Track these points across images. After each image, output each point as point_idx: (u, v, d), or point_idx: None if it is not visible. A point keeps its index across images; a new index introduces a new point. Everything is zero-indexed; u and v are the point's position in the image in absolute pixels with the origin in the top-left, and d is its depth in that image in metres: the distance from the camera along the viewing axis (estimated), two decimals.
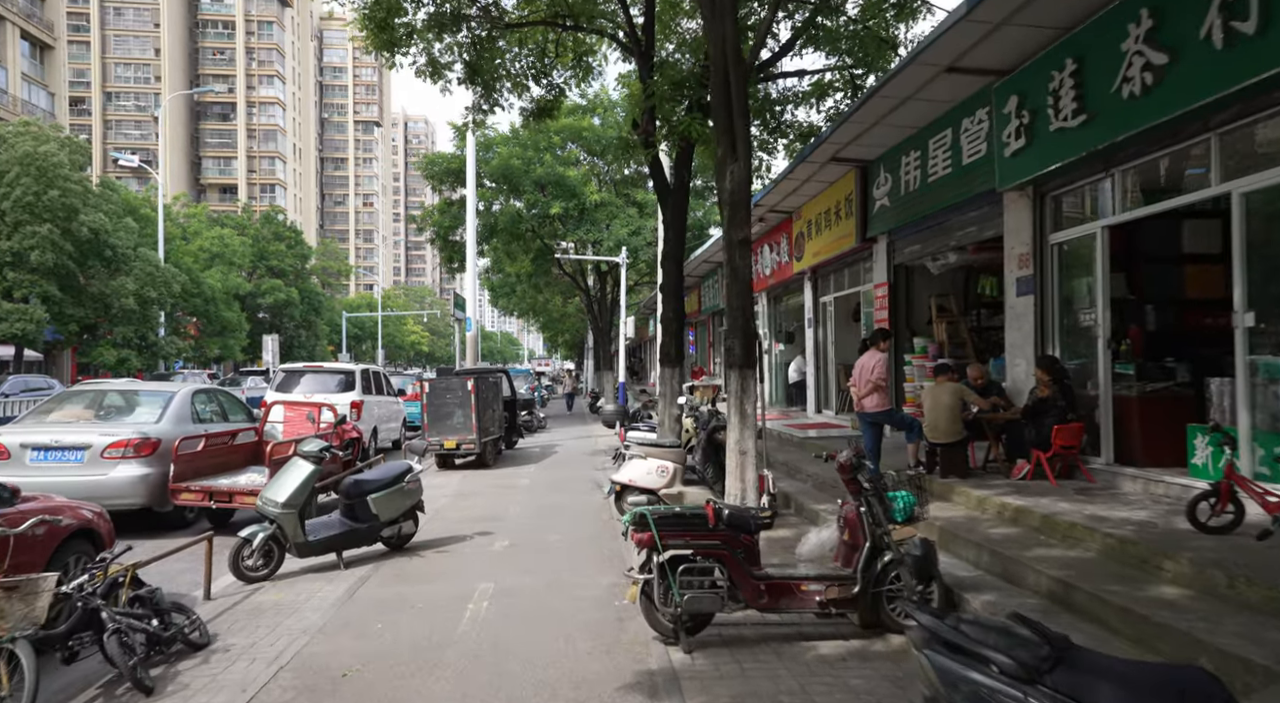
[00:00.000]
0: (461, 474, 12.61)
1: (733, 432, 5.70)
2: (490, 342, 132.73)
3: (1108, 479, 6.76)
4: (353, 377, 13.70)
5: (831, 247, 13.06)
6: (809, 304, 15.19)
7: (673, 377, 10.30)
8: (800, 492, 8.68)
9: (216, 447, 8.49)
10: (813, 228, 13.94)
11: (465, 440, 12.85)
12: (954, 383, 7.46)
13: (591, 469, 12.99)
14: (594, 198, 21.95)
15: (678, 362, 10.34)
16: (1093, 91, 6.39)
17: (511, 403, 15.64)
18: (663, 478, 8.20)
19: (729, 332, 5.80)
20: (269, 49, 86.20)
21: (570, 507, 9.47)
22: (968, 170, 8.66)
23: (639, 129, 10.33)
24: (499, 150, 22.32)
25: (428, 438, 12.95)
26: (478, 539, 7.71)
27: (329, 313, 62.07)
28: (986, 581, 5.14)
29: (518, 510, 9.31)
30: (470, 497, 10.41)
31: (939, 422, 7.26)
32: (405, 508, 7.13)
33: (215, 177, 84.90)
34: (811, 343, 15.13)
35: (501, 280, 34.50)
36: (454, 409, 12.92)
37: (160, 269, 30.37)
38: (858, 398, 7.76)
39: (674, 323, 10.29)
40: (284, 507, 6.25)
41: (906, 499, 4.64)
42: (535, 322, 47.05)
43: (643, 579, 4.50)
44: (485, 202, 23.23)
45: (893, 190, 10.68)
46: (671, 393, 10.29)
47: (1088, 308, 7.29)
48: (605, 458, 14.26)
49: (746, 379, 5.67)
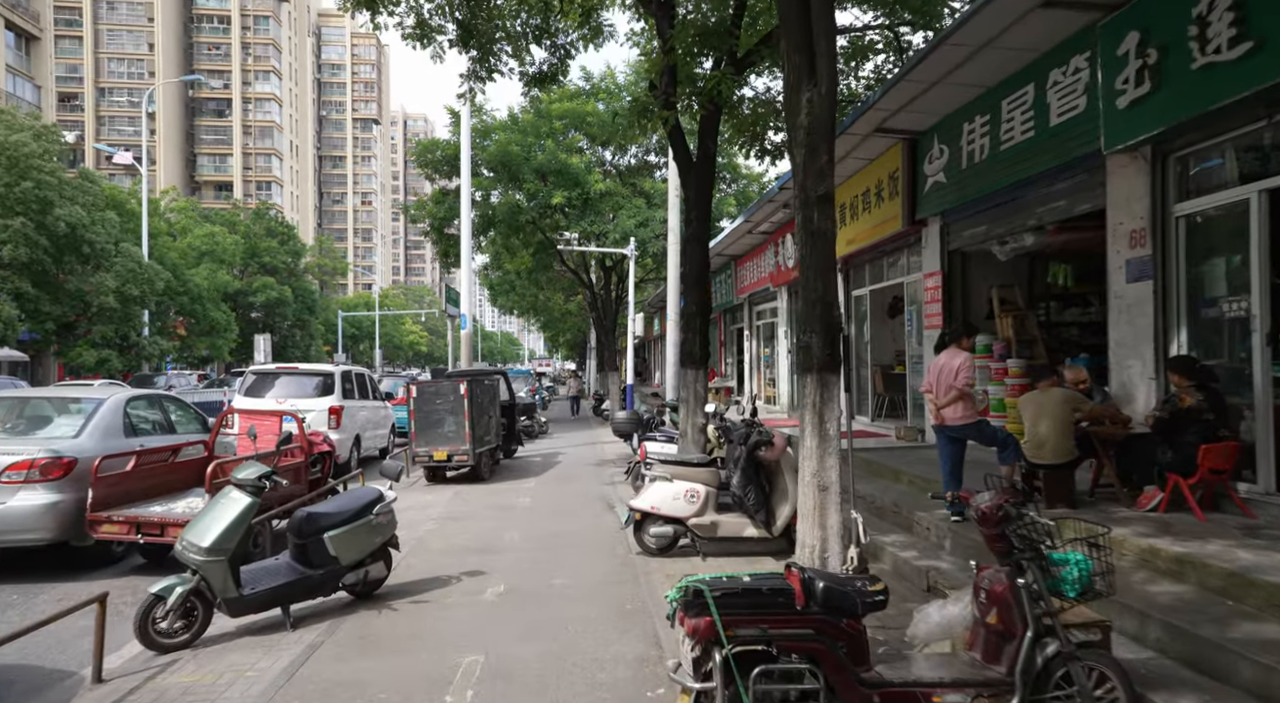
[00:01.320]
0: (453, 490, 11.14)
1: (808, 460, 4.19)
2: (490, 342, 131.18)
3: (1273, 514, 5.28)
4: (331, 380, 12.22)
5: (870, 233, 11.58)
6: (843, 300, 13.69)
7: (696, 379, 8.83)
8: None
9: (152, 465, 7.02)
10: (846, 213, 12.46)
11: (458, 451, 11.38)
12: (1062, 389, 5.98)
13: (600, 483, 11.52)
14: (598, 187, 20.48)
15: (702, 362, 8.87)
16: (1262, 10, 4.91)
17: (510, 408, 14.16)
18: (692, 505, 6.73)
19: (804, 323, 4.28)
20: (265, 44, 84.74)
21: (579, 535, 7.99)
22: (1056, 133, 7.20)
23: (656, 91, 8.86)
24: (497, 137, 20.84)
25: (415, 448, 11.49)
26: (465, 582, 6.23)
27: (325, 312, 60.63)
28: (1171, 671, 3.67)
29: (516, 540, 7.83)
30: (460, 520, 8.93)
31: (1046, 438, 5.78)
32: (373, 547, 5.66)
33: (211, 174, 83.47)
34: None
35: (501, 278, 33.00)
36: (445, 416, 11.45)
37: (143, 266, 28.87)
38: (935, 407, 6.28)
39: (697, 316, 8.83)
40: (209, 552, 4.77)
41: (1081, 565, 3.16)
42: (536, 321, 45.52)
43: (698, 689, 3.02)
44: (483, 191, 21.76)
45: (950, 164, 9.21)
46: (695, 398, 8.82)
47: (1232, 295, 5.81)
48: (614, 469, 12.79)
49: (828, 386, 4.17)
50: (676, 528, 6.78)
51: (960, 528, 6.03)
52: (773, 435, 6.64)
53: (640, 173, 23.49)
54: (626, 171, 24.03)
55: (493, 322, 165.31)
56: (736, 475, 6.63)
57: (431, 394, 11.52)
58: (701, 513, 6.73)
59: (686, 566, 6.59)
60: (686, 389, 8.94)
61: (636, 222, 20.34)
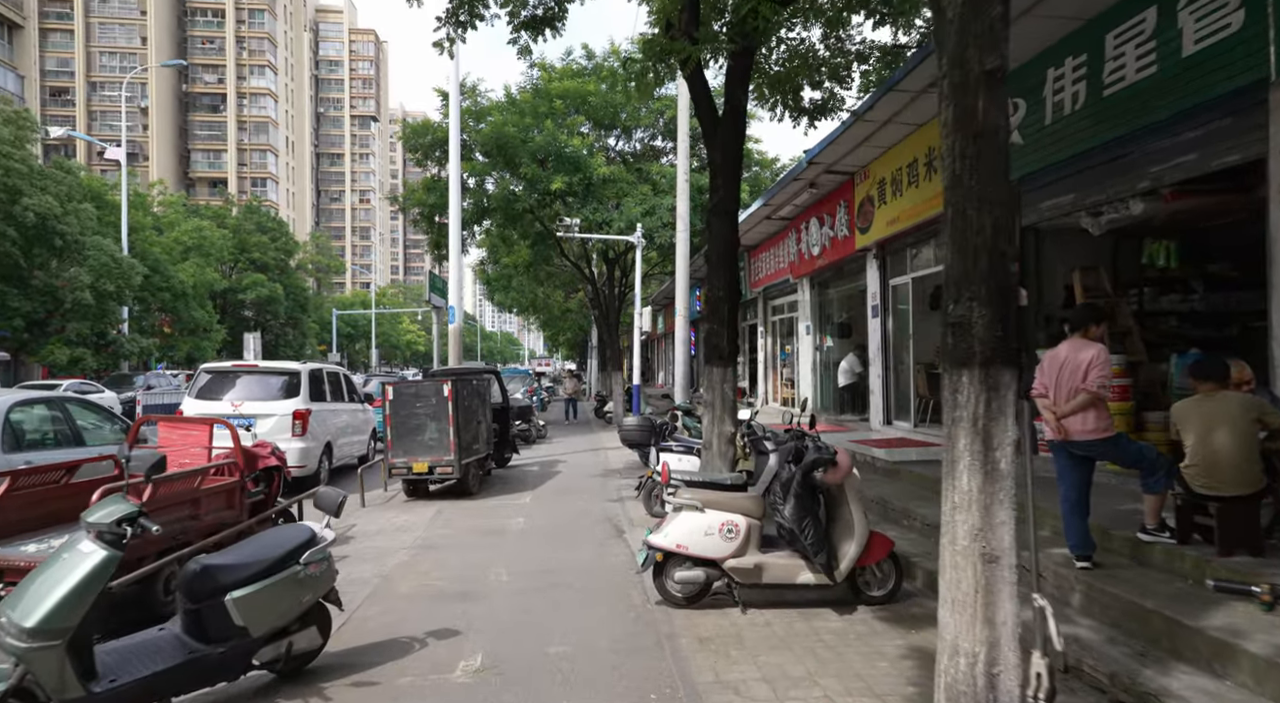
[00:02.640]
0: (435, 507, 9.59)
1: (961, 512, 2.47)
2: (490, 342, 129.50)
3: None
4: (297, 379, 10.66)
5: (917, 210, 10.02)
6: (874, 288, 12.15)
7: (724, 379, 7.27)
8: (923, 554, 5.68)
9: (38, 489, 5.47)
10: (887, 189, 10.91)
11: (440, 462, 9.84)
12: (1239, 393, 4.43)
13: (605, 499, 9.97)
14: (601, 172, 18.89)
15: (731, 358, 7.31)
16: None
17: (503, 411, 12.61)
18: (730, 542, 5.18)
19: (954, 284, 2.59)
20: (260, 38, 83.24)
21: (582, 572, 6.44)
22: (1192, 65, 5.65)
23: (674, 31, 7.30)
24: (492, 117, 19.29)
25: (391, 458, 9.95)
26: (432, 648, 4.68)
27: (319, 311, 59.10)
28: None
29: (503, 579, 6.28)
30: (439, 549, 7.37)
31: (1224, 459, 4.23)
32: (299, 609, 4.11)
33: (205, 170, 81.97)
34: (877, 336, 12.09)
35: (498, 273, 31.40)
36: (426, 422, 9.90)
37: (118, 260, 27.31)
38: (1055, 416, 4.72)
39: (725, 303, 7.28)
40: (34, 636, 3.22)
41: None
42: (535, 319, 43.90)
43: None
44: (477, 177, 20.20)
45: (1028, 121, 7.66)
46: (723, 402, 7.25)
47: None
48: (621, 481, 11.23)
49: (997, 389, 2.47)
50: (709, 572, 5.22)
51: (1094, 579, 4.48)
52: (835, 453, 5.09)
53: (645, 159, 21.92)
54: (631, 158, 22.47)
55: (493, 321, 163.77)
56: (788, 505, 5.07)
57: (410, 396, 9.97)
58: (742, 552, 5.18)
59: (723, 621, 5.04)
60: (712, 391, 7.38)
61: (643, 210, 18.76)
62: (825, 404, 15.29)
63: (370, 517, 9.11)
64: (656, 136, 22.33)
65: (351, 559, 6.99)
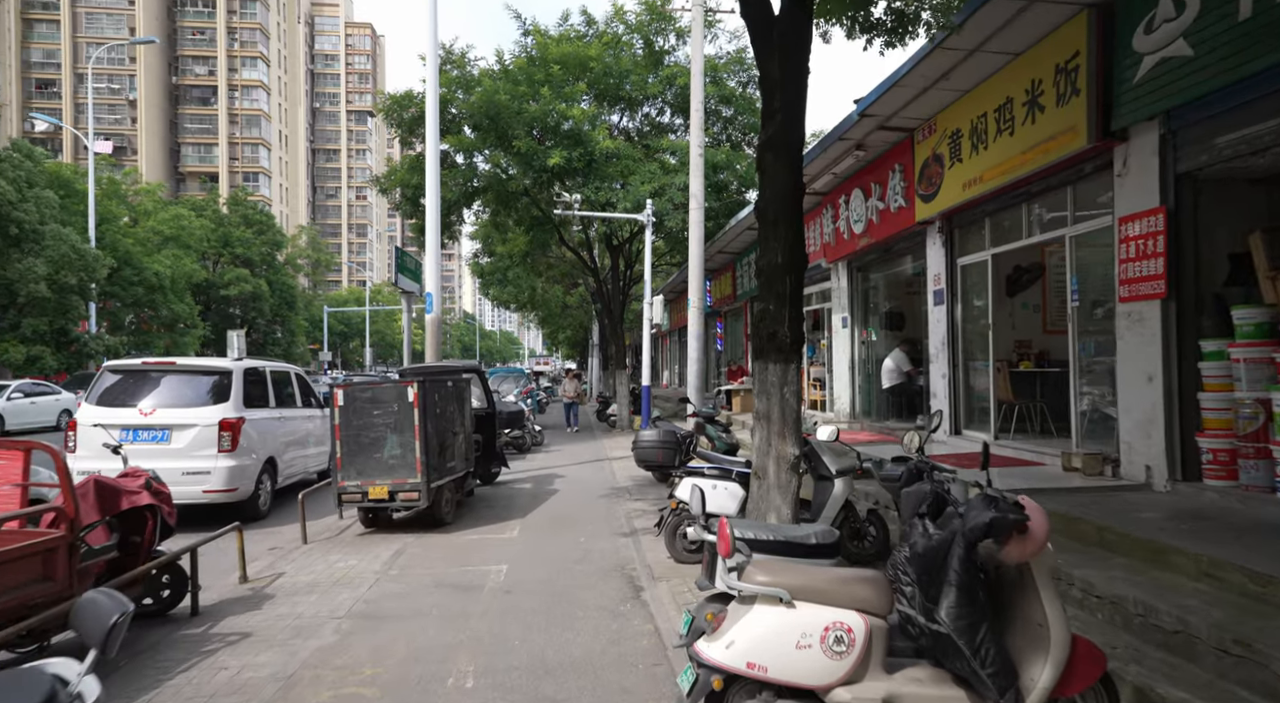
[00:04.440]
0: (395, 546, 7.44)
1: None
2: (490, 341, 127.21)
3: None
4: (228, 380, 8.52)
5: (1009, 166, 7.87)
6: (938, 269, 10.01)
7: (784, 381, 5.12)
8: (1122, 654, 3.56)
9: None
10: (963, 143, 8.76)
11: (404, 486, 7.71)
12: None
13: (613, 532, 7.83)
14: (604, 146, 16.75)
15: (794, 351, 5.17)
16: None
17: (489, 419, 10.48)
18: (840, 658, 3.03)
19: None
20: (252, 29, 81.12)
21: (585, 674, 4.30)
22: None
23: None
24: (484, 83, 17.14)
25: (341, 481, 7.82)
26: None
27: (312, 308, 56.95)
28: None
29: (467, 686, 4.14)
30: (381, 625, 5.22)
31: None
32: None
33: (195, 164, 79.91)
34: (942, 328, 9.95)
35: (492, 265, 29.22)
36: (385, 434, 7.78)
37: (81, 251, 25.16)
38: None
39: (787, 273, 5.13)
40: None
41: None
42: (533, 316, 41.66)
43: None
44: (465, 154, 18.03)
45: (1201, 24, 5.52)
46: (783, 413, 5.10)
47: None
48: (631, 503, 9.09)
49: None
50: None
51: None
52: (1023, 509, 2.95)
53: (653, 135, 19.75)
54: (637, 136, 20.31)
55: (492, 320, 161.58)
56: (945, 598, 2.95)
57: (366, 402, 7.83)
58: (859, 676, 3.04)
59: None
60: (767, 396, 5.22)
61: (651, 188, 16.57)
62: (866, 409, 13.17)
63: (307, 561, 6.97)
64: (665, 111, 20.17)
65: (253, 640, 4.86)
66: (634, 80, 18.19)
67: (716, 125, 19.55)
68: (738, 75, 18.64)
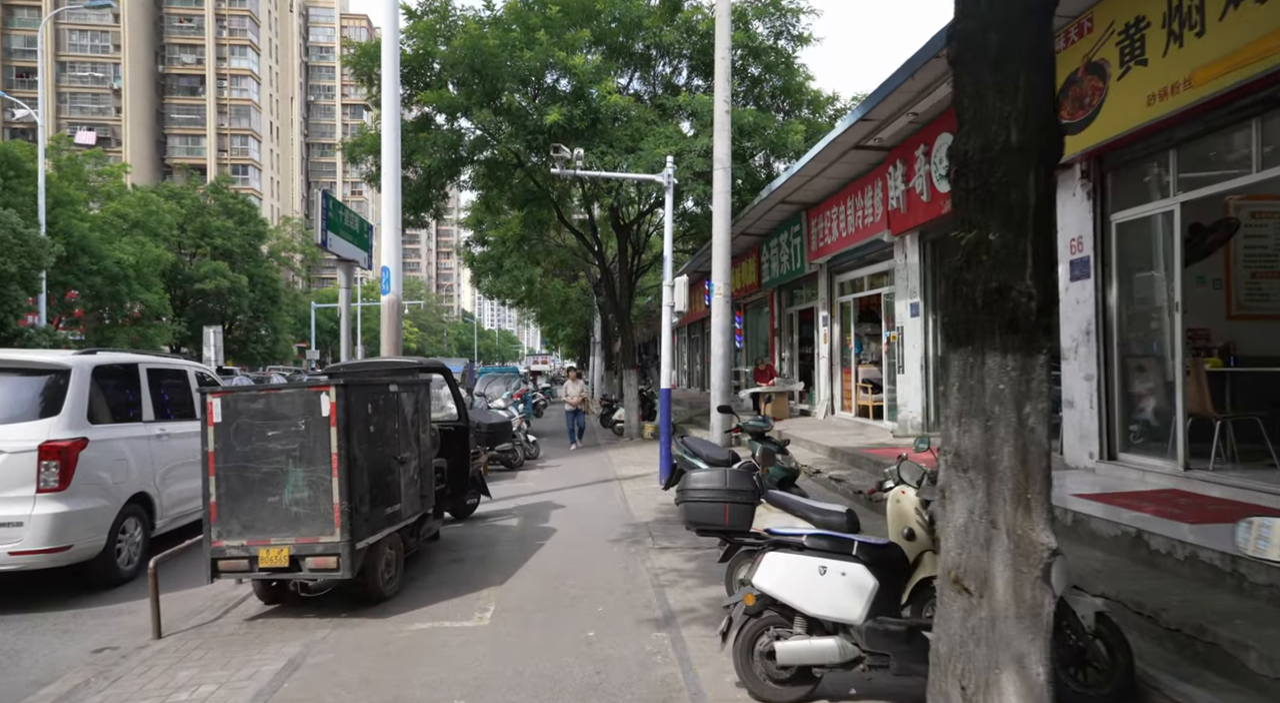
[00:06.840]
0: (289, 650, 4.67)
1: None
2: (488, 340, 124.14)
3: None
4: (63, 382, 5.74)
5: (1255, 53, 5.10)
6: (1081, 231, 7.23)
7: (1022, 391, 2.44)
8: None
9: None
10: (1151, 37, 5.99)
11: (314, 547, 4.96)
12: None
13: (638, 619, 5.05)
14: (611, 101, 14.00)
15: (1040, 333, 2.46)
16: None
17: (460, 435, 7.69)
18: None
19: None
20: (241, 16, 78.28)
21: None
22: None
23: None
24: (469, 29, 14.38)
25: (217, 537, 5.05)
26: None
27: (299, 304, 54.07)
28: None
29: None
30: None
31: None
32: None
33: (183, 156, 76.98)
34: (1086, 310, 7.18)
35: (485, 254, 26.36)
36: (284, 467, 5.02)
37: (22, 235, 22.37)
38: None
39: (1028, 163, 2.45)
40: None
41: None
42: (531, 312, 38.75)
43: None
44: (448, 114, 15.27)
45: None
46: (1023, 465, 2.38)
47: None
48: (657, 557, 6.32)
49: None
50: None
51: None
52: None
53: (668, 97, 16.93)
54: (650, 100, 17.51)
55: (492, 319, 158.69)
56: None
57: (256, 417, 5.05)
58: None
59: None
60: (983, 422, 2.48)
61: (670, 150, 13.76)
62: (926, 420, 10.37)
63: (139, 681, 4.20)
64: (683, 70, 17.39)
65: None
66: (648, 28, 15.40)
67: (743, 86, 16.77)
68: (772, 19, 15.81)
